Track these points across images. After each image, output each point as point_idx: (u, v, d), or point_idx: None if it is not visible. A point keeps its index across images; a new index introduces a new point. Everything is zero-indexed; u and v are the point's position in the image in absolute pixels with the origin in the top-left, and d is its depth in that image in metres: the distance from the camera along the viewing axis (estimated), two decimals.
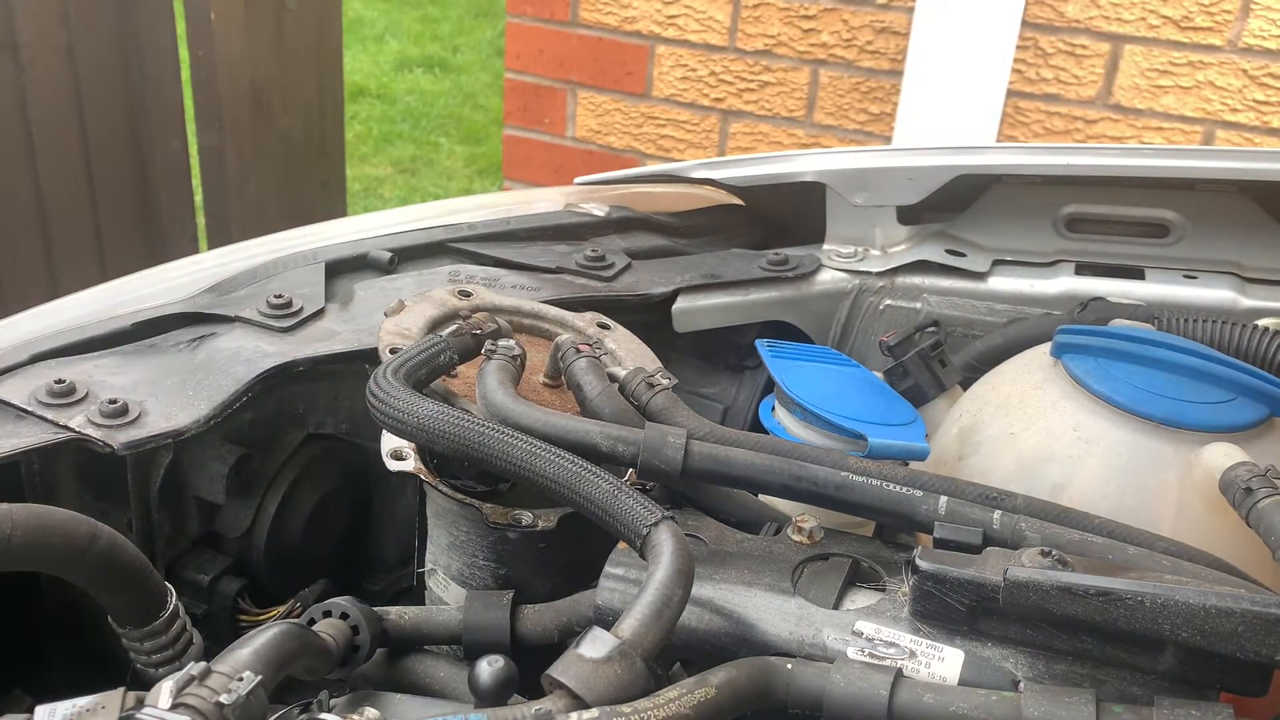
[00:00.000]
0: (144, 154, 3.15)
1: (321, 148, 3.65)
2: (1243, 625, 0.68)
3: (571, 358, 1.02)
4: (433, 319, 1.10)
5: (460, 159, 5.32)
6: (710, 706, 0.67)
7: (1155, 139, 2.46)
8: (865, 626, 0.78)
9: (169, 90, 3.15)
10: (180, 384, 1.06)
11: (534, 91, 3.01)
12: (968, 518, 0.84)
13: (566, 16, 2.89)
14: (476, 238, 1.39)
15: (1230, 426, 0.95)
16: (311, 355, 1.12)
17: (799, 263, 1.40)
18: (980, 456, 1.03)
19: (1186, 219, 1.36)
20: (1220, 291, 1.32)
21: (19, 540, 0.75)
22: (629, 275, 1.35)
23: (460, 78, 6.16)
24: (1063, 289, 1.35)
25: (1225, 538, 0.89)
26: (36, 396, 1.02)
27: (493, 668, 0.73)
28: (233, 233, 3.29)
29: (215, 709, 0.64)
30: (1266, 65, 2.34)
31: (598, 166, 2.91)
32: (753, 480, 0.89)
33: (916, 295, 1.38)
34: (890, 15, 2.57)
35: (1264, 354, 1.10)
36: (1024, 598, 0.73)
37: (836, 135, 2.72)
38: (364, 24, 6.74)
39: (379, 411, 0.89)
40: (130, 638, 0.86)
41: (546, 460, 0.82)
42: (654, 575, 0.73)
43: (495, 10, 6.91)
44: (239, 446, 1.10)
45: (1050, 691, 0.70)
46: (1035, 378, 1.05)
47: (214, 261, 1.32)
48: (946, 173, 1.36)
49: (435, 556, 1.01)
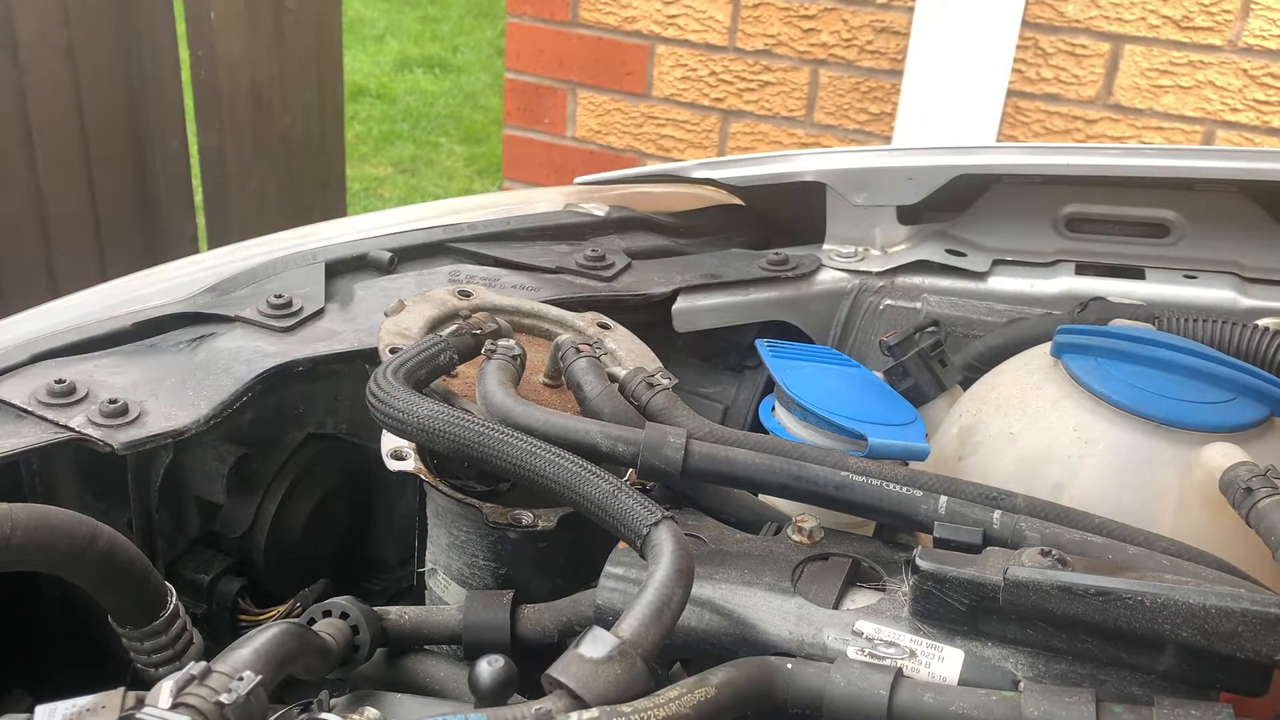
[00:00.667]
0: (144, 154, 3.15)
1: (321, 148, 3.65)
2: (1243, 625, 0.68)
3: (571, 358, 1.02)
4: (433, 319, 1.10)
5: (460, 159, 5.32)
6: (710, 706, 0.67)
7: (1155, 139, 2.46)
8: (865, 626, 0.78)
9: (169, 90, 3.15)
10: (180, 384, 1.06)
11: (534, 91, 3.01)
12: (968, 518, 0.84)
13: (566, 16, 2.89)
14: (476, 238, 1.39)
15: (1230, 426, 0.95)
16: (311, 355, 1.12)
17: (799, 263, 1.40)
18: (980, 456, 1.03)
19: (1186, 219, 1.36)
20: (1220, 291, 1.32)
21: (19, 540, 0.75)
22: (629, 275, 1.35)
23: (460, 78, 6.16)
24: (1063, 289, 1.35)
25: (1225, 538, 0.89)
26: (36, 396, 1.02)
27: (493, 668, 0.73)
28: (233, 233, 3.29)
29: (215, 709, 0.64)
30: (1267, 65, 2.34)
31: (598, 166, 2.91)
32: (753, 480, 0.89)
33: (916, 295, 1.38)
34: (890, 15, 2.57)
35: (1264, 354, 1.10)
36: (1024, 597, 0.73)
37: (836, 135, 2.72)
38: (364, 24, 6.75)
39: (379, 411, 0.88)
40: (130, 637, 0.86)
41: (546, 460, 0.82)
42: (654, 575, 0.73)
43: (495, 10, 6.91)
44: (239, 446, 1.10)
45: (1050, 691, 0.70)
46: (1035, 378, 1.05)
47: (214, 261, 1.32)
48: (946, 173, 1.36)
49: (435, 556, 1.01)
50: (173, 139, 3.22)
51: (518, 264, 1.34)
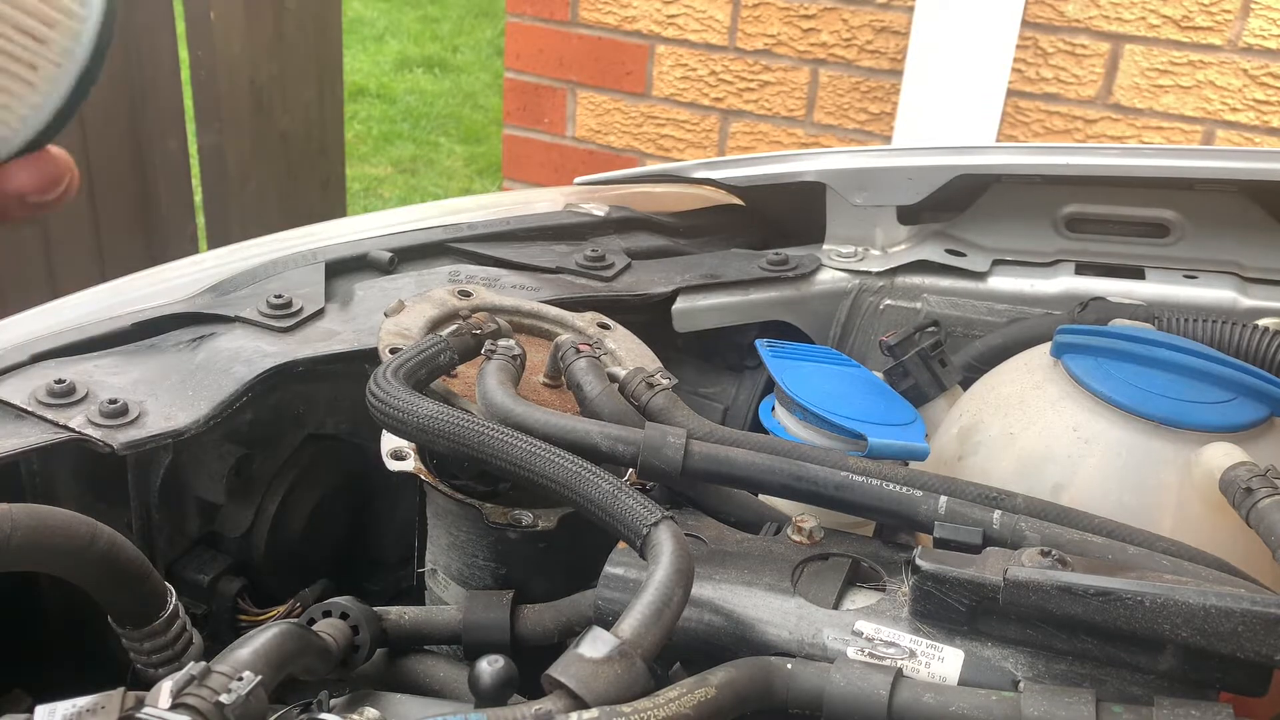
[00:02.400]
0: (144, 154, 3.15)
1: (321, 147, 3.65)
2: (1243, 625, 0.68)
3: (571, 358, 1.02)
4: (433, 319, 1.10)
5: (460, 159, 5.32)
6: (710, 706, 0.67)
7: (1155, 139, 2.46)
8: (865, 626, 0.78)
9: (169, 90, 3.15)
10: (180, 384, 1.06)
11: (534, 91, 3.01)
12: (968, 518, 0.84)
13: (566, 16, 2.89)
14: (476, 238, 1.39)
15: (1230, 426, 0.95)
16: (311, 355, 1.12)
17: (799, 263, 1.40)
18: (980, 456, 1.03)
19: (1186, 219, 1.36)
20: (1220, 291, 1.32)
21: (19, 540, 0.75)
22: (629, 275, 1.35)
23: (460, 78, 6.16)
24: (1063, 289, 1.35)
25: (1225, 538, 0.89)
26: (36, 396, 1.02)
27: (493, 668, 0.73)
28: (233, 233, 3.29)
29: (215, 709, 0.64)
30: (1267, 65, 2.34)
31: (598, 166, 2.91)
32: (753, 480, 0.89)
33: (916, 295, 1.38)
34: (890, 15, 2.57)
35: (1264, 354, 1.10)
36: (1024, 598, 0.73)
37: (836, 135, 2.72)
38: (364, 24, 6.74)
39: (379, 411, 0.88)
40: (130, 638, 0.86)
41: (546, 460, 0.82)
42: (654, 575, 0.73)
43: (495, 10, 6.91)
44: (239, 446, 1.10)
45: (1050, 691, 0.70)
46: (1035, 377, 1.05)
47: (214, 261, 1.31)
48: (946, 173, 1.36)
49: (435, 556, 1.01)
50: (173, 139, 3.21)
51: (518, 264, 1.34)
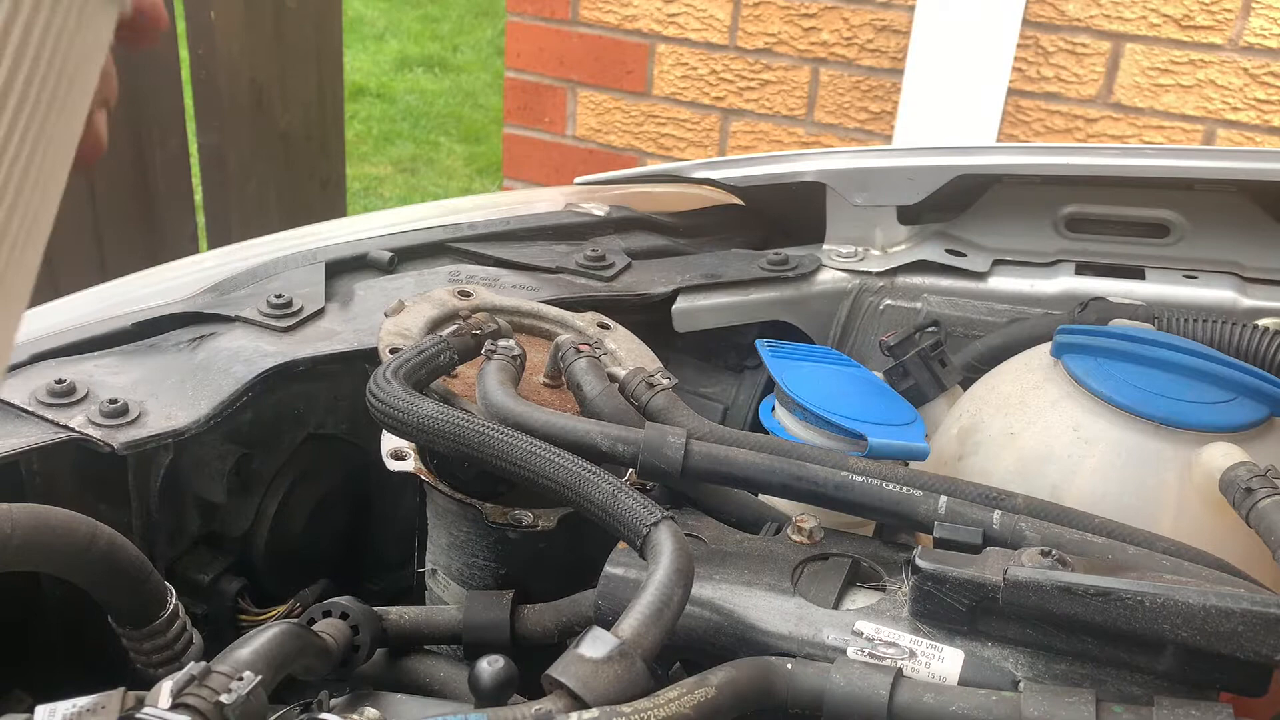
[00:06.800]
0: (144, 154, 3.14)
1: (321, 147, 3.65)
2: (1243, 625, 0.68)
3: (571, 358, 1.02)
4: (433, 319, 1.10)
5: (460, 158, 5.32)
6: (710, 706, 0.67)
7: (1156, 138, 2.46)
8: (865, 626, 0.78)
9: (169, 90, 3.15)
10: (180, 384, 1.06)
11: (534, 90, 3.00)
12: (968, 518, 0.84)
13: (567, 15, 2.89)
14: (476, 238, 1.39)
15: (1230, 426, 0.95)
16: (311, 355, 1.12)
17: (799, 263, 1.40)
18: (980, 456, 1.03)
19: (1186, 219, 1.36)
20: (1220, 291, 1.32)
21: (19, 540, 0.75)
22: (629, 275, 1.35)
23: (460, 77, 6.16)
24: (1063, 289, 1.35)
25: (1225, 538, 0.89)
26: (36, 396, 1.02)
27: (493, 668, 0.73)
28: (233, 232, 3.28)
29: (215, 709, 0.64)
30: (1267, 64, 2.34)
31: (598, 165, 2.91)
32: (753, 480, 0.89)
33: (916, 295, 1.38)
34: (891, 14, 2.57)
35: (1264, 354, 1.10)
36: (1024, 598, 0.73)
37: (837, 134, 2.72)
38: (364, 23, 6.74)
39: (379, 411, 0.89)
40: (130, 638, 0.86)
41: (546, 460, 0.82)
42: (654, 575, 0.73)
43: (495, 9, 6.90)
44: (239, 446, 1.10)
45: (1050, 691, 0.70)
46: (1035, 377, 1.05)
47: (214, 261, 1.31)
48: (947, 173, 1.36)
49: (435, 556, 1.01)
50: (173, 139, 3.21)
51: (518, 264, 1.34)
